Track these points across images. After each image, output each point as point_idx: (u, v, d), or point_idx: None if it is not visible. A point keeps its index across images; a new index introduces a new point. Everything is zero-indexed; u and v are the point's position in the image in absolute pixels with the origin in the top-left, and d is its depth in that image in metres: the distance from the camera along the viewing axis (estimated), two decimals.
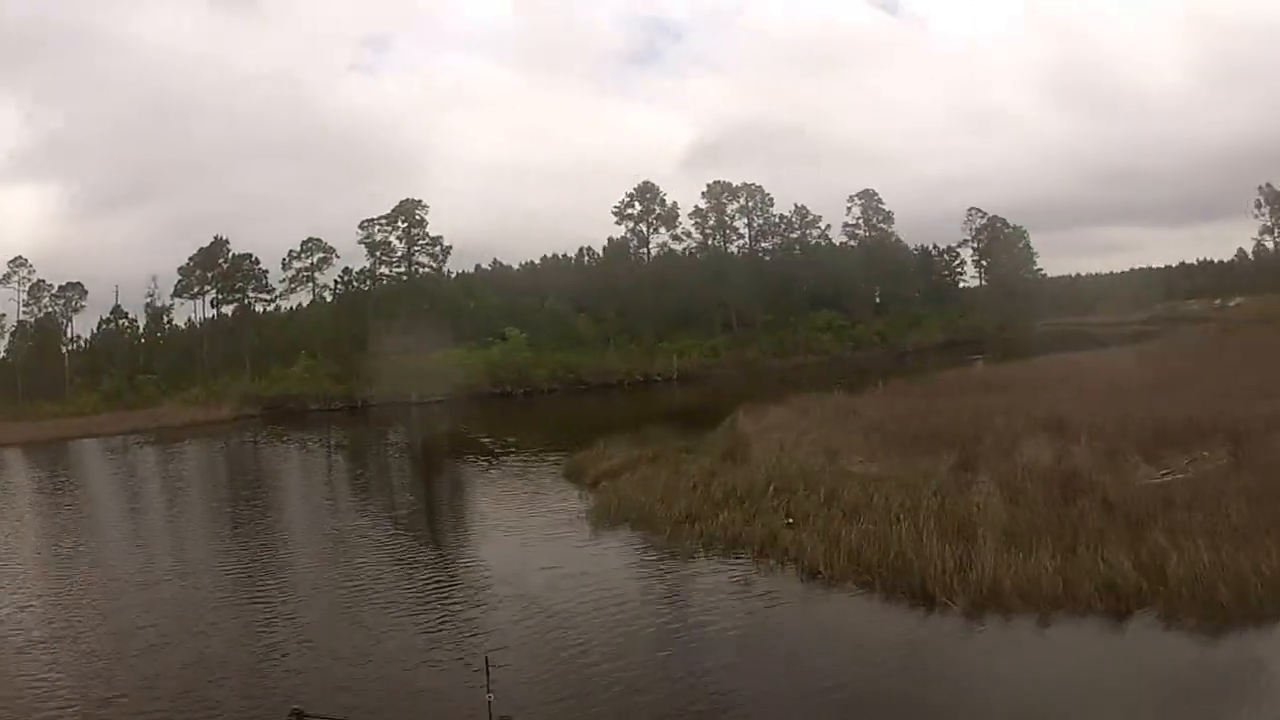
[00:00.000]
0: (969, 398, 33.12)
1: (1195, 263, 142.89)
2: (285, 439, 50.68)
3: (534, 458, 37.11)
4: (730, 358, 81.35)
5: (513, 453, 39.40)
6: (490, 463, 37.41)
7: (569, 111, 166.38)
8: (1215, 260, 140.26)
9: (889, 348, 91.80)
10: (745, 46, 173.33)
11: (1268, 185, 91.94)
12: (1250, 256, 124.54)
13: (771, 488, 22.38)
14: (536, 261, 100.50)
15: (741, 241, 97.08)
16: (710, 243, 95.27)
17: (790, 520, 20.07)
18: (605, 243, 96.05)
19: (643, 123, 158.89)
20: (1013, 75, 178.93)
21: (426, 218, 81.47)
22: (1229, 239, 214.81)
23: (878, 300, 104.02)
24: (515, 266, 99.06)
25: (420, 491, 34.43)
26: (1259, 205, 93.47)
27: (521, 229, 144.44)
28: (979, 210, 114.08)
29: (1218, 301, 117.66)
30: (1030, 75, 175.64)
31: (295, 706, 8.19)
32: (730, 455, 27.88)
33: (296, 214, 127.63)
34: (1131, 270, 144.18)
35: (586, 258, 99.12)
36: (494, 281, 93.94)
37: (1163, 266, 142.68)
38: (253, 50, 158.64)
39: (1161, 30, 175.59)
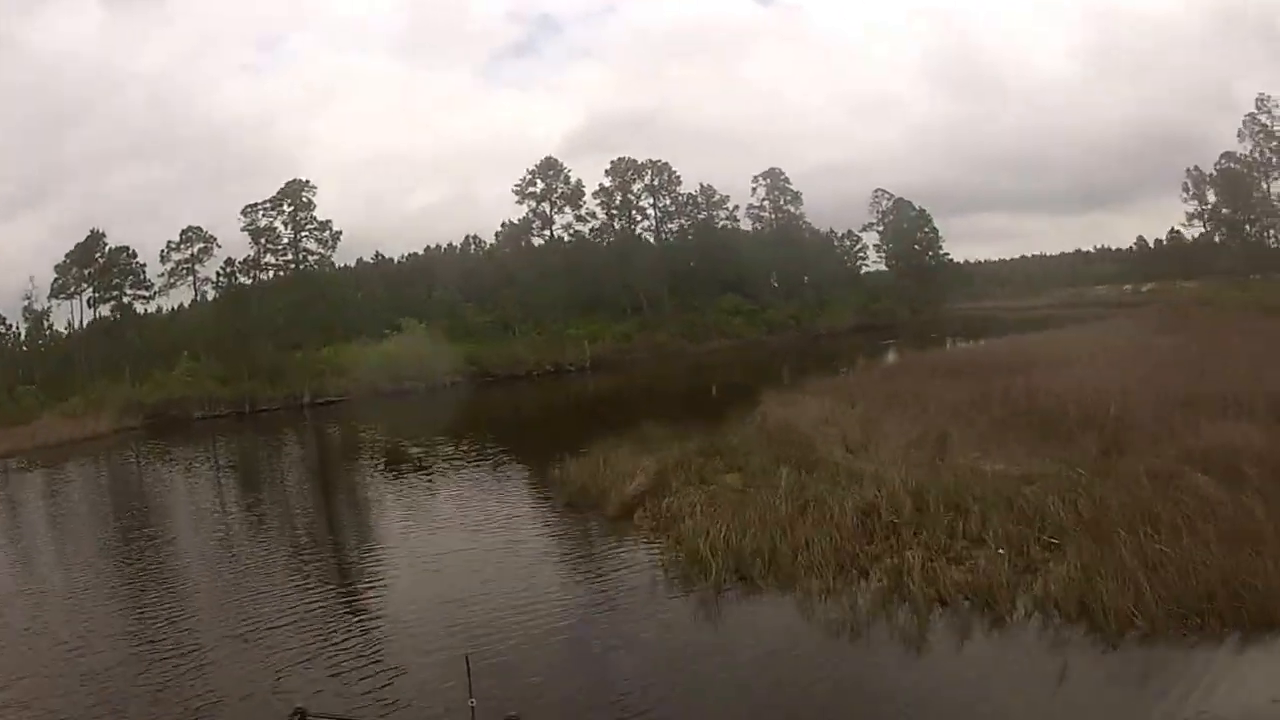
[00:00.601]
0: (988, 379, 29.16)
1: (1093, 250, 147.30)
2: (169, 457, 43.11)
3: (491, 471, 30.57)
4: (642, 342, 78.74)
5: (460, 464, 32.15)
6: (441, 482, 29.28)
7: (453, 104, 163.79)
8: (1113, 247, 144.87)
9: (802, 331, 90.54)
10: (627, 36, 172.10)
11: (1195, 169, 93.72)
12: (1179, 239, 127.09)
13: (910, 504, 17.38)
14: (420, 253, 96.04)
15: (648, 223, 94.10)
16: (616, 224, 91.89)
17: (1001, 551, 14.98)
18: (499, 228, 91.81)
19: (526, 114, 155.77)
20: (901, 63, 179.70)
21: (314, 199, 75.58)
22: (1116, 226, 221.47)
23: (781, 283, 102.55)
24: (397, 259, 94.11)
25: (362, 548, 22.27)
26: (1186, 189, 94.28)
27: (406, 224, 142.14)
28: (885, 192, 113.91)
29: (1128, 287, 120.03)
30: (918, 63, 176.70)
31: (299, 706, 8.27)
32: (790, 460, 21.93)
33: (183, 216, 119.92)
34: (1031, 256, 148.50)
35: (473, 246, 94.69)
36: (378, 274, 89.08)
37: (1058, 253, 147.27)
38: (138, 49, 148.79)
39: (1055, 19, 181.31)
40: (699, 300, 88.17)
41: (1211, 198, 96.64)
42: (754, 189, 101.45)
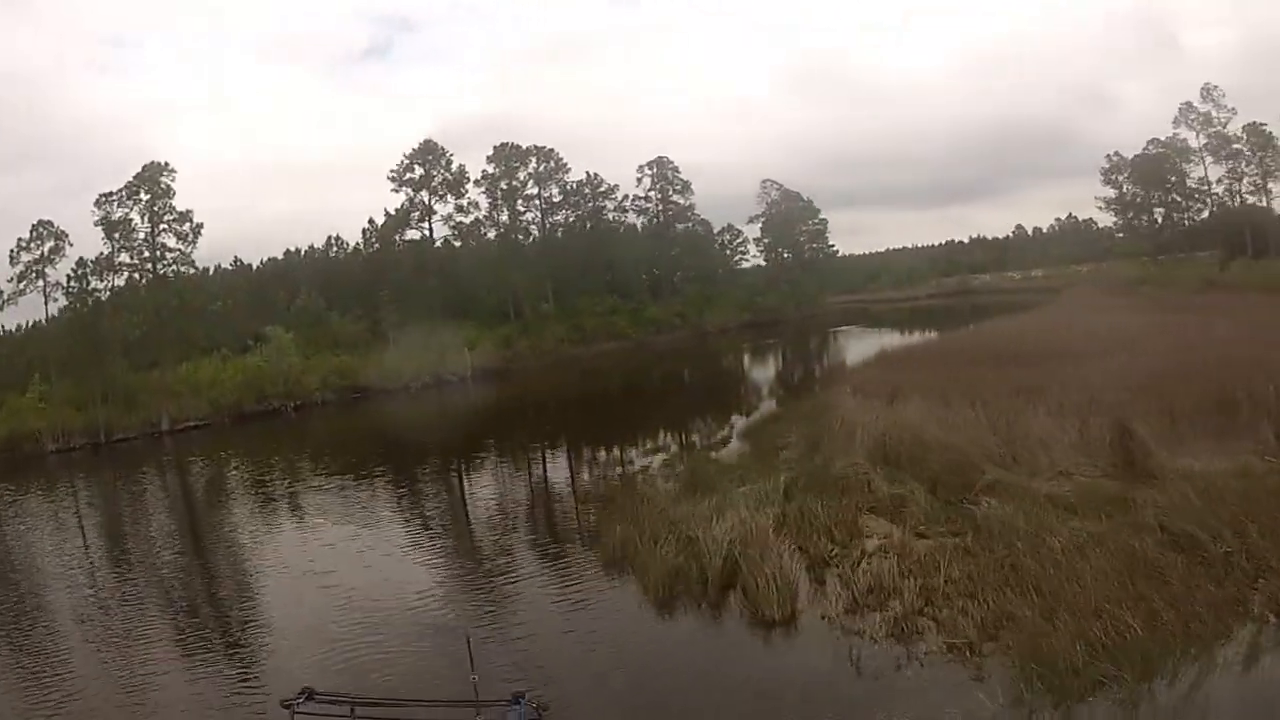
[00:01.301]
0: (1032, 366, 27.28)
1: (968, 240, 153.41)
2: (14, 510, 35.00)
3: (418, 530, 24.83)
4: (526, 348, 76.85)
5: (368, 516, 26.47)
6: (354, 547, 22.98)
7: (310, 110, 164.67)
8: (989, 237, 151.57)
9: (690, 330, 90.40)
10: (486, 40, 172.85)
11: (1116, 154, 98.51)
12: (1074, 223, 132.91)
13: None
14: (280, 257, 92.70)
15: (534, 216, 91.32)
16: (500, 216, 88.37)
17: None
18: (366, 225, 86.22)
19: (384, 118, 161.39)
20: (760, 67, 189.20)
21: (173, 185, 68.33)
22: (976, 219, 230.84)
23: (666, 279, 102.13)
24: (255, 265, 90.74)
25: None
26: (1105, 175, 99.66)
27: (266, 231, 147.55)
28: (773, 182, 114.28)
29: (1017, 275, 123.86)
30: (781, 69, 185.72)
31: (305, 686, 8.86)
32: (947, 487, 17.97)
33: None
34: (910, 247, 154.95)
35: (335, 248, 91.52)
36: (241, 280, 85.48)
37: (929, 245, 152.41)
38: None
39: (915, 20, 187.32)
40: (585, 300, 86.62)
41: (1128, 185, 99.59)
42: (639, 179, 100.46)
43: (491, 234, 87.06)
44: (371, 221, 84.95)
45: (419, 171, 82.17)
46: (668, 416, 41.40)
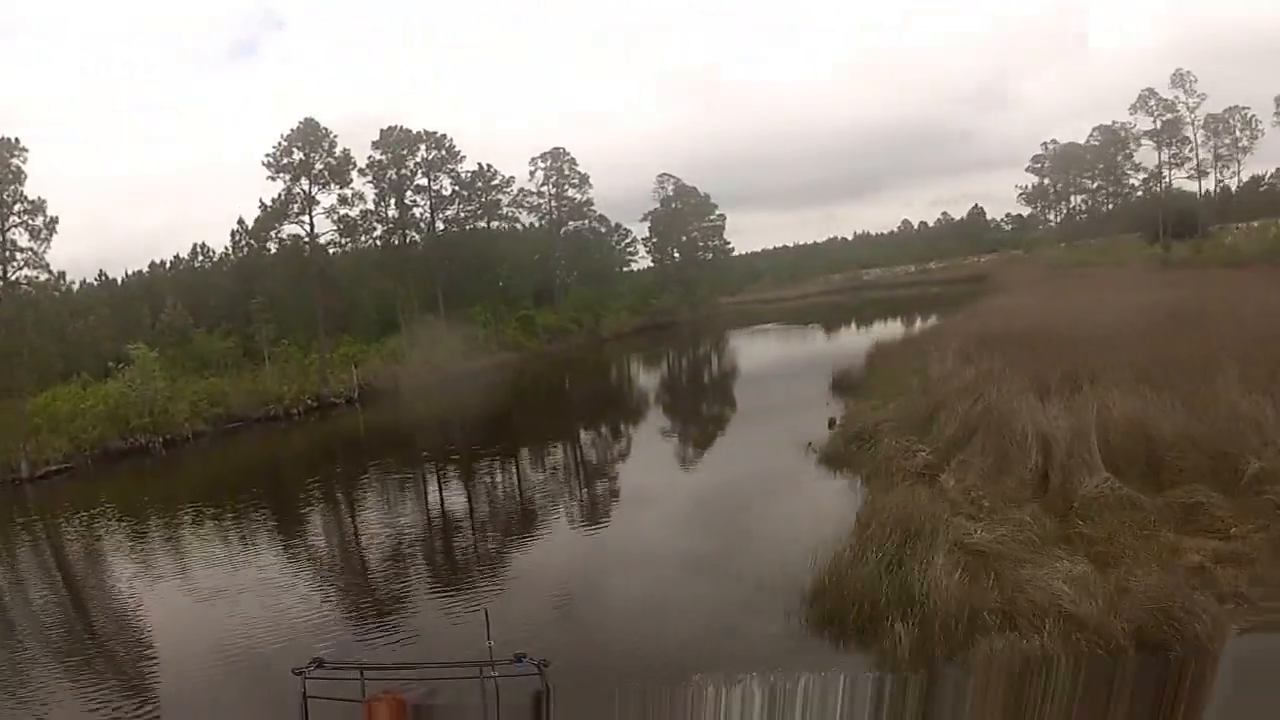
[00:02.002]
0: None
1: (851, 237, 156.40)
2: None
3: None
4: (418, 362, 72.91)
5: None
6: None
7: (173, 118, 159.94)
8: (876, 232, 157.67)
9: (587, 336, 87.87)
10: (364, 39, 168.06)
11: (1052, 142, 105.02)
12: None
13: None
14: (145, 270, 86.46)
15: (423, 211, 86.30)
16: (387, 209, 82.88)
17: None
18: (235, 227, 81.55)
19: (253, 124, 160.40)
20: (644, 73, 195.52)
21: (24, 168, 58.06)
22: (856, 217, 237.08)
23: (560, 281, 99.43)
24: (120, 279, 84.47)
25: None
26: (1036, 159, 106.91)
27: (133, 245, 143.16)
28: (670, 175, 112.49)
29: (912, 268, 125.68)
30: (662, 71, 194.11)
31: (315, 655, 8.36)
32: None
33: None
34: (790, 246, 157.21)
35: (201, 258, 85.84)
36: (104, 295, 78.97)
37: (809, 243, 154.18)
38: None
39: (796, 27, 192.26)
40: (478, 308, 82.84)
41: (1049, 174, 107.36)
42: (532, 173, 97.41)
43: (378, 229, 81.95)
44: (241, 222, 79.91)
45: (298, 156, 74.02)
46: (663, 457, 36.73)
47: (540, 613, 17.56)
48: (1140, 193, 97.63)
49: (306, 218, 74.21)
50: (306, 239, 73.69)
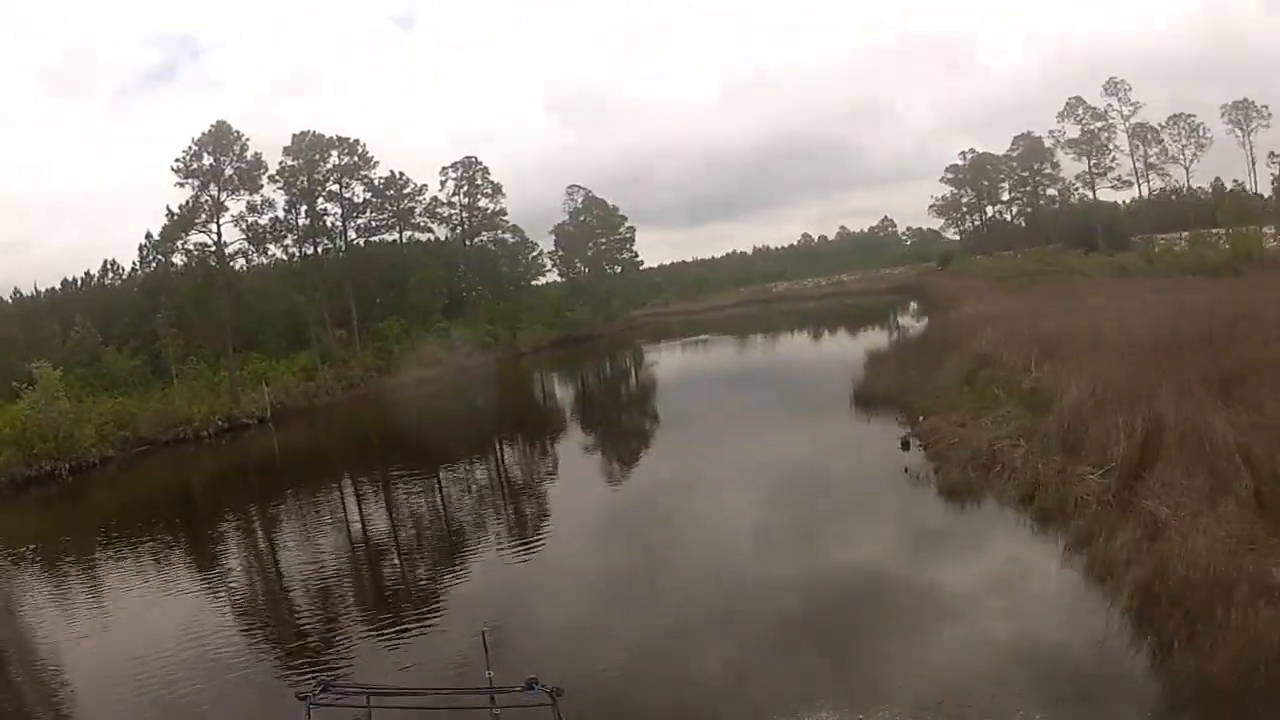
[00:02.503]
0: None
1: (751, 251, 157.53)
2: None
3: None
4: (331, 380, 69.11)
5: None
6: None
7: (90, 140, 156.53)
8: (776, 246, 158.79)
9: (504, 351, 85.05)
10: (273, 61, 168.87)
11: (972, 149, 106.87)
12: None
13: None
14: (58, 287, 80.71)
15: (334, 221, 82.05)
16: (298, 218, 78.59)
17: None
18: (143, 240, 76.64)
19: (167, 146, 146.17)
20: (514, 91, 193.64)
21: None
22: (738, 234, 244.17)
23: (471, 294, 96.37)
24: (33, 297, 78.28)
25: None
26: (953, 169, 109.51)
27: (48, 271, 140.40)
28: (579, 187, 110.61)
29: (823, 280, 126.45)
30: (539, 90, 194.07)
31: (321, 678, 9.08)
32: None
33: None
34: (695, 260, 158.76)
35: (111, 274, 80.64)
36: (16, 313, 73.38)
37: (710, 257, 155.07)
38: None
39: (675, 44, 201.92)
40: (391, 321, 79.32)
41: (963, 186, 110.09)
42: (443, 182, 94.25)
43: (289, 239, 77.92)
44: (149, 236, 75.14)
45: (208, 161, 69.71)
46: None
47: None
48: (1056, 204, 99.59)
49: (215, 226, 69.90)
50: (213, 247, 69.43)
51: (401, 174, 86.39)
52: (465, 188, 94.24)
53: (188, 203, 69.12)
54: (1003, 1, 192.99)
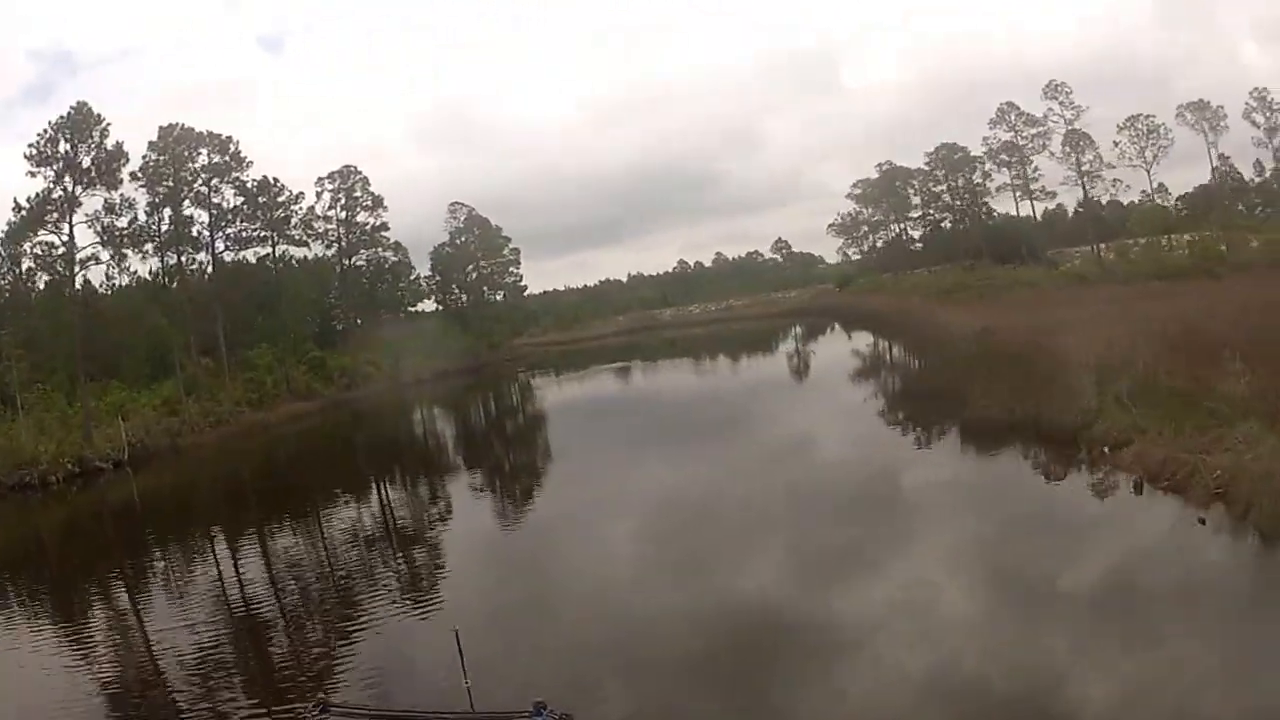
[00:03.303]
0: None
1: (626, 279, 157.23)
2: None
3: None
4: (197, 414, 61.13)
5: None
6: None
7: None
8: (653, 273, 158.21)
9: (387, 381, 78.56)
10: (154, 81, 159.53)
11: (889, 161, 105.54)
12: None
13: None
14: None
15: (201, 229, 73.51)
16: (160, 223, 69.82)
17: None
18: None
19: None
20: (394, 113, 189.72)
21: None
22: (607, 261, 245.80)
23: (347, 318, 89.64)
24: None
25: None
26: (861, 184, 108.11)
27: None
28: (462, 204, 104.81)
29: (710, 306, 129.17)
30: (410, 114, 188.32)
31: (320, 697, 9.52)
32: None
33: None
34: (567, 289, 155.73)
35: None
36: None
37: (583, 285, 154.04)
38: None
39: (561, 70, 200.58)
40: (262, 350, 71.41)
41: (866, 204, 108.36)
42: (319, 193, 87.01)
43: (149, 245, 69.16)
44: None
45: (65, 147, 60.22)
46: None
47: None
48: (963, 222, 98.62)
49: (67, 225, 60.27)
50: (61, 249, 60.70)
51: (276, 179, 79.15)
52: (343, 200, 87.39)
53: (39, 195, 60.06)
54: (873, 23, 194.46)
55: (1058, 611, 14.44)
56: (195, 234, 72.68)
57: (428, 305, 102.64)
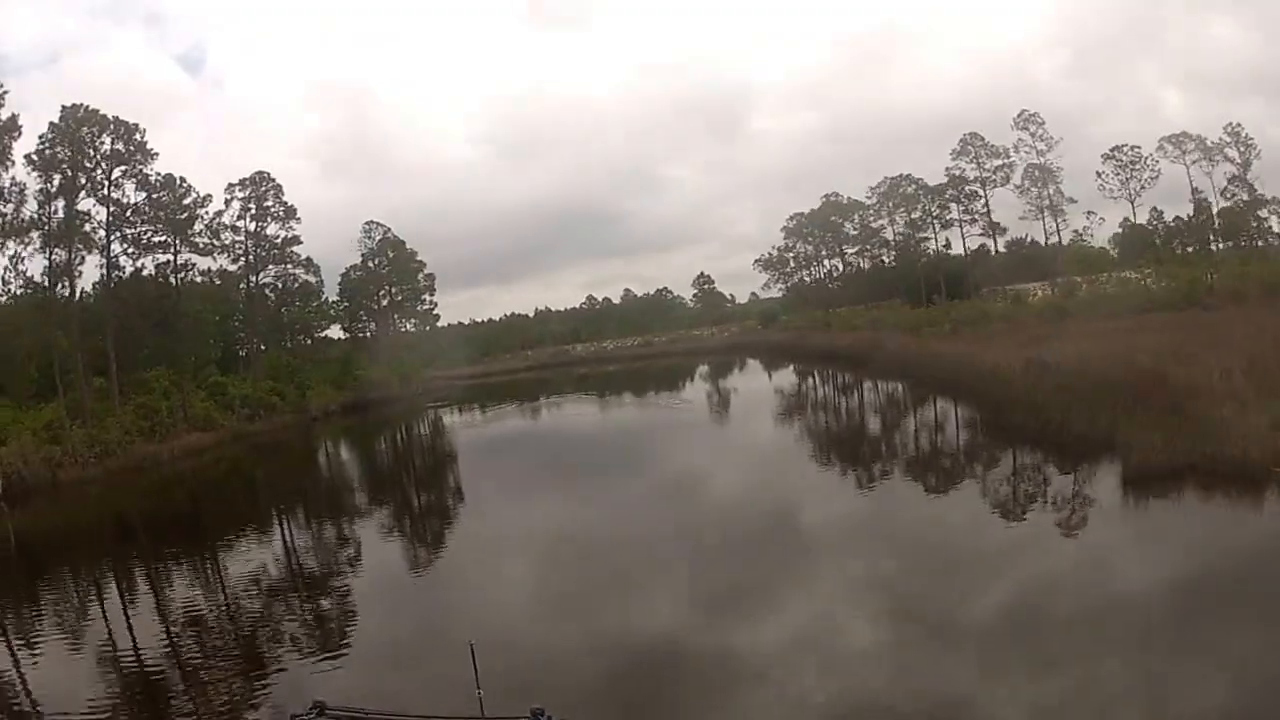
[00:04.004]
0: None
1: (532, 314, 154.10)
2: None
3: None
4: (81, 443, 54.10)
5: None
6: None
7: None
8: (561, 308, 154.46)
9: (294, 413, 72.25)
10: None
11: (833, 194, 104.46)
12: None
13: None
14: None
15: (97, 227, 65.33)
16: (51, 214, 61.79)
17: None
18: None
19: None
20: (294, 142, 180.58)
21: None
22: (501, 299, 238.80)
23: (250, 343, 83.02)
24: None
25: None
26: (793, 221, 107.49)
27: None
28: (377, 224, 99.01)
29: (630, 342, 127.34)
30: (310, 144, 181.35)
31: (317, 699, 8.80)
32: None
33: None
34: (490, 320, 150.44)
35: None
36: None
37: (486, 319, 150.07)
38: None
39: (457, 106, 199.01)
40: (158, 373, 64.21)
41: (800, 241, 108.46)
42: (228, 201, 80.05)
43: (35, 236, 61.21)
44: None
45: None
46: None
47: None
48: (890, 261, 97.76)
49: None
50: None
51: (183, 179, 72.06)
52: (254, 209, 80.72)
53: None
54: (779, 72, 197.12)
55: None
56: (89, 231, 64.65)
57: (336, 332, 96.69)
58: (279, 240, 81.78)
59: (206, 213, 74.45)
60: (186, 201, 72.21)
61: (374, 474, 51.09)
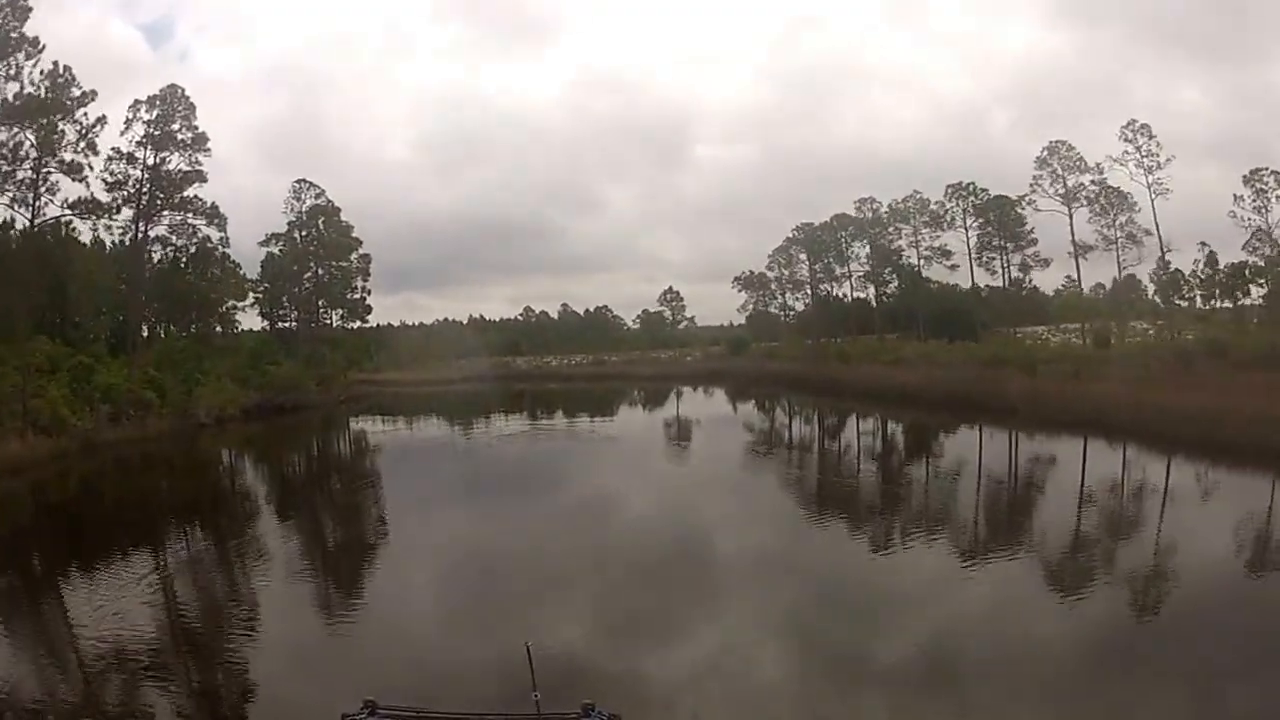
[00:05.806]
0: None
1: (467, 320, 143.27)
2: None
3: None
4: None
5: None
6: None
7: None
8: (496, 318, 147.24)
9: (174, 415, 54.04)
10: None
11: (804, 224, 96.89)
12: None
13: None
14: None
15: None
16: None
17: None
18: None
19: None
20: (243, 125, 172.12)
21: None
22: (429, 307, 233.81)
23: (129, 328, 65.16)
24: None
25: None
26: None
27: None
28: (311, 183, 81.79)
29: (582, 359, 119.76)
30: (257, 129, 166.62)
31: (368, 698, 8.64)
32: None
33: None
34: (420, 324, 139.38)
35: None
36: None
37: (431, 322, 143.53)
38: None
39: (390, 107, 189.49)
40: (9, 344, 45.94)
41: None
42: (129, 120, 62.20)
43: None
44: None
45: None
46: None
47: None
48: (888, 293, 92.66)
49: None
50: None
51: (67, 68, 53.20)
52: (157, 135, 62.32)
53: None
54: (719, 101, 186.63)
55: None
56: None
57: (249, 320, 78.82)
58: (178, 175, 63.10)
59: (87, 116, 54.94)
60: (71, 97, 53.09)
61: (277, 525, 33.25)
